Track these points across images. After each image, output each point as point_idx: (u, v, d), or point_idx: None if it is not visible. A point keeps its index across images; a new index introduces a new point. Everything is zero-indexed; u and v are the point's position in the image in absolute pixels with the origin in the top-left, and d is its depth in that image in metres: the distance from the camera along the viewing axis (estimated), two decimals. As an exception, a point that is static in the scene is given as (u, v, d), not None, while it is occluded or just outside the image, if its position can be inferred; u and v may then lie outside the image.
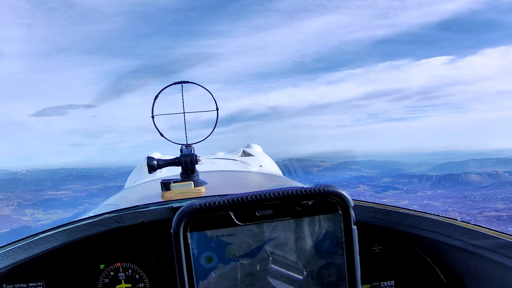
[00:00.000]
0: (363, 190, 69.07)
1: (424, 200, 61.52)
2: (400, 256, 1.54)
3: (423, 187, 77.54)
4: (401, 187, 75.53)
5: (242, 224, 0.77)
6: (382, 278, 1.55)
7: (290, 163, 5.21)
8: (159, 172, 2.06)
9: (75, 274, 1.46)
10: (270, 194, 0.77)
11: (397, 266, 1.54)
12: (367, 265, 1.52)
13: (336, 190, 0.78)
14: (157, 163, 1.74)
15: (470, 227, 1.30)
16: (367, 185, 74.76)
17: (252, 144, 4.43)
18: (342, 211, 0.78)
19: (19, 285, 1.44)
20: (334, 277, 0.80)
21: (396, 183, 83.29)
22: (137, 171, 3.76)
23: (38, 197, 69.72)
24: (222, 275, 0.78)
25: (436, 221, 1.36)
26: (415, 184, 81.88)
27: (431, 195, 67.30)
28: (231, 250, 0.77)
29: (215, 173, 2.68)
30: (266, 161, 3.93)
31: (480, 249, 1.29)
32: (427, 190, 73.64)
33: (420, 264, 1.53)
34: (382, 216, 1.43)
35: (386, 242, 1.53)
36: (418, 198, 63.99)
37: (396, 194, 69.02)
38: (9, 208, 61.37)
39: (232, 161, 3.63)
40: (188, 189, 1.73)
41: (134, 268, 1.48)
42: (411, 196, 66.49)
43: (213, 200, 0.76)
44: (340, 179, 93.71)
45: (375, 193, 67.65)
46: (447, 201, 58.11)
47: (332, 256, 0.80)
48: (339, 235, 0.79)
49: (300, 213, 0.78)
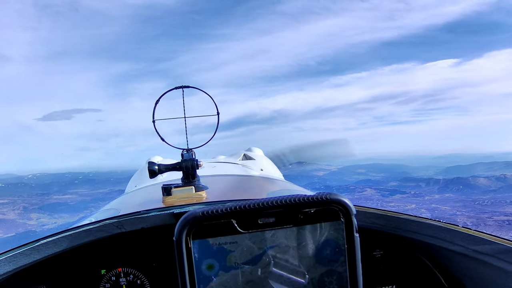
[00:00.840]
0: (370, 194, 68.68)
1: (432, 204, 60.97)
2: (401, 261, 1.55)
3: (431, 191, 77.03)
4: (408, 191, 74.99)
5: (245, 231, 0.77)
6: (383, 283, 1.55)
7: (295, 167, 5.05)
8: (160, 176, 2.00)
9: (76, 279, 1.46)
10: (272, 202, 0.77)
11: (398, 271, 1.55)
12: (368, 270, 1.48)
13: (339, 198, 0.79)
14: (158, 168, 1.74)
15: (471, 233, 1.31)
16: (374, 189, 74.36)
17: (253, 147, 4.40)
18: (344, 219, 0.79)
19: None
20: (336, 285, 0.80)
21: (404, 187, 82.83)
22: (138, 175, 3.73)
23: (44, 201, 70.08)
24: (223, 283, 0.78)
25: (437, 226, 1.37)
26: (422, 188, 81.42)
27: (439, 199, 66.71)
28: (232, 258, 0.78)
29: (216, 178, 2.65)
30: (267, 164, 3.91)
31: (481, 254, 1.29)
32: (435, 194, 73.08)
33: (421, 269, 1.54)
34: (383, 221, 1.44)
35: (387, 247, 1.54)
36: (426, 202, 63.47)
37: (403, 198, 68.46)
38: (14, 213, 61.64)
39: (233, 165, 3.59)
40: (189, 194, 1.71)
41: (135, 274, 1.48)
42: (419, 200, 65.92)
43: (216, 208, 0.76)
44: (347, 182, 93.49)
45: (382, 197, 67.21)
46: (455, 205, 57.45)
47: (334, 263, 0.80)
48: (341, 242, 0.79)
49: (302, 220, 0.78)
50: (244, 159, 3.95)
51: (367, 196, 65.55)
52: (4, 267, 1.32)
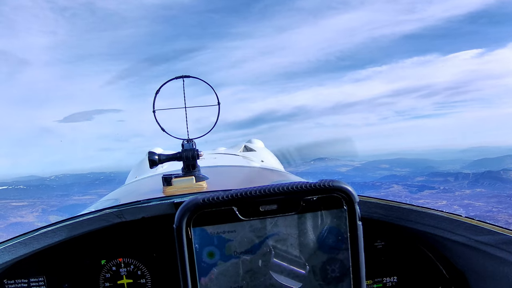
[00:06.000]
0: (398, 190, 65.93)
1: (465, 200, 57.78)
2: (403, 251, 1.55)
3: (461, 186, 73.53)
4: (437, 186, 71.69)
5: (246, 219, 0.76)
6: (385, 274, 1.55)
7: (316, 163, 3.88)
8: (161, 167, 2.03)
9: (76, 269, 1.46)
10: (274, 189, 0.77)
11: (399, 261, 1.55)
12: (370, 261, 1.50)
13: (341, 185, 0.78)
14: (158, 158, 1.75)
15: (474, 223, 1.30)
16: (401, 185, 71.50)
17: (253, 139, 4.41)
18: (347, 207, 0.78)
19: (20, 281, 1.44)
20: (338, 273, 0.80)
21: (431, 182, 79.52)
22: (138, 165, 3.68)
23: (63, 203, 70.09)
24: (222, 272, 0.77)
25: (439, 216, 1.36)
26: (451, 183, 77.95)
27: (471, 195, 63.35)
28: (231, 246, 0.77)
29: (217, 168, 2.64)
30: (267, 156, 3.86)
31: (483, 245, 1.29)
32: (465, 189, 69.64)
33: (423, 260, 1.54)
34: (385, 211, 1.43)
35: (388, 238, 1.54)
36: (457, 198, 60.29)
37: (432, 194, 65.38)
38: (33, 215, 61.66)
39: (233, 156, 3.60)
40: (190, 184, 1.70)
41: (135, 264, 1.48)
42: (449, 196, 62.74)
43: (217, 195, 0.76)
44: (372, 179, 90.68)
45: (410, 194, 64.43)
46: (489, 201, 54.21)
47: (336, 251, 0.80)
48: (343, 230, 0.79)
49: (304, 208, 0.77)
50: (244, 150, 3.97)
51: (394, 193, 62.95)
52: (3, 257, 1.32)
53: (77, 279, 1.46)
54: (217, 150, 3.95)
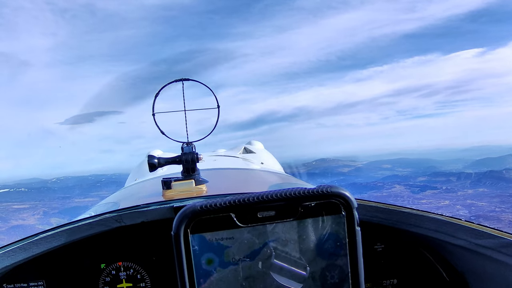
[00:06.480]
0: (400, 191, 65.61)
1: (467, 200, 57.43)
2: (403, 255, 1.55)
3: (463, 186, 73.08)
4: (439, 186, 71.26)
5: (244, 225, 0.76)
6: (385, 277, 1.55)
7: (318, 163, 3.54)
8: (160, 169, 1.96)
9: (76, 273, 1.47)
10: (272, 195, 0.76)
11: (399, 265, 1.55)
12: (370, 264, 1.51)
13: (339, 191, 0.78)
14: (158, 162, 1.75)
15: (474, 227, 1.31)
16: (403, 185, 71.10)
17: (253, 141, 4.41)
18: (345, 212, 0.77)
19: (20, 285, 1.44)
20: (337, 279, 0.79)
21: (433, 181, 79.07)
22: (138, 168, 3.62)
23: (64, 205, 69.91)
24: (221, 279, 0.77)
25: (439, 220, 1.37)
26: (453, 183, 77.50)
27: (473, 194, 62.97)
28: (230, 253, 0.76)
29: (216, 171, 2.64)
30: (267, 158, 3.86)
31: (484, 248, 1.30)
32: (467, 189, 69.20)
33: (423, 263, 1.54)
34: (384, 215, 1.43)
35: (388, 241, 1.54)
36: (460, 198, 59.91)
37: (435, 194, 64.97)
38: (34, 218, 61.52)
39: (233, 158, 3.56)
40: (189, 187, 1.70)
41: (135, 268, 1.49)
42: (452, 196, 62.36)
43: (214, 202, 0.75)
44: (374, 179, 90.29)
45: (412, 194, 64.06)
46: (492, 201, 53.88)
47: (335, 257, 0.79)
48: (342, 236, 0.78)
49: (302, 214, 0.77)
50: (244, 152, 3.94)
51: (396, 193, 62.63)
52: (3, 261, 1.32)
53: (77, 283, 1.46)
54: (217, 152, 3.97)
